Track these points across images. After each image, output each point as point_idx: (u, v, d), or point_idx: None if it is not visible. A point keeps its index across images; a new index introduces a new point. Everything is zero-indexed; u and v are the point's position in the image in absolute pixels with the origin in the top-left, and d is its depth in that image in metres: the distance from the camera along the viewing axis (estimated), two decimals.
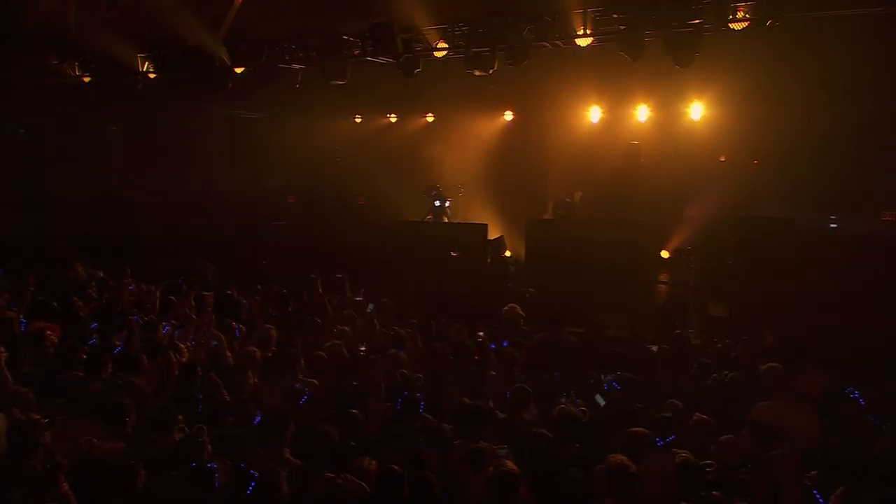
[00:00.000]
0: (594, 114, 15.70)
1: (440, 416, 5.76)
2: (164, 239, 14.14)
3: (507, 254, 13.48)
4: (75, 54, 11.83)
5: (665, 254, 14.71)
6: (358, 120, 17.81)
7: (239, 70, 10.64)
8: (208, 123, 17.32)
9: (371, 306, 8.91)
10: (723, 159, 15.24)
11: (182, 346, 6.85)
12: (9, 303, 9.20)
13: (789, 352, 7.12)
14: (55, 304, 9.09)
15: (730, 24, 8.11)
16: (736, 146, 14.96)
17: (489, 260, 11.93)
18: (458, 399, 5.78)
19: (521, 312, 7.91)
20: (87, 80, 12.25)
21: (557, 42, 9.22)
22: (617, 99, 15.55)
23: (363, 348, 6.32)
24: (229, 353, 6.78)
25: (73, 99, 15.26)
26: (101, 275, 11.02)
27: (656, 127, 15.44)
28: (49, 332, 7.67)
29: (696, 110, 14.99)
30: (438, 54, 9.68)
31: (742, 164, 15.05)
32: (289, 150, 16.91)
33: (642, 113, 15.41)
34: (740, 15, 7.95)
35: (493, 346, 6.87)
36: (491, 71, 9.45)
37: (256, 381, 6.36)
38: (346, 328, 7.86)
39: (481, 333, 6.66)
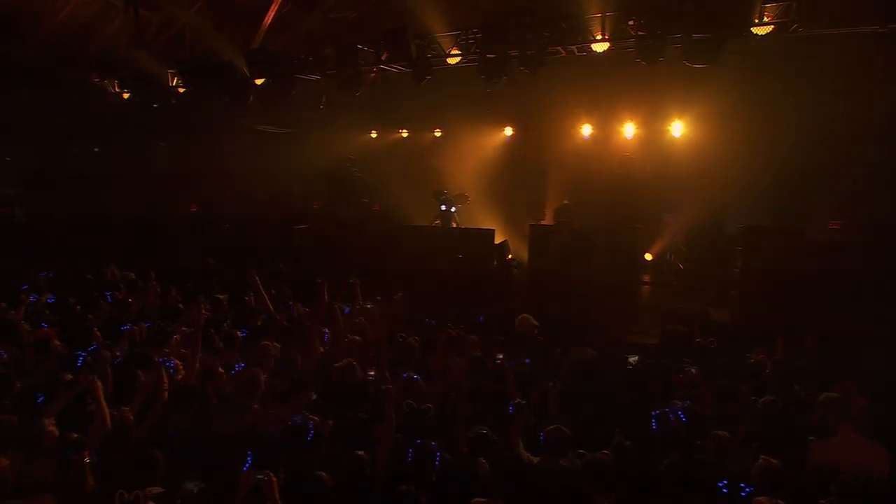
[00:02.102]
0: (585, 130, 14.17)
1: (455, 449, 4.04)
2: (196, 241, 12.33)
3: (509, 257, 11.70)
4: (115, 73, 10.04)
5: (648, 256, 13.08)
6: (373, 135, 16.18)
7: (259, 82, 8.86)
8: (243, 138, 15.64)
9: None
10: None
11: (178, 362, 5.08)
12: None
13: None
14: (77, 306, 7.46)
15: (753, 30, 6.32)
16: (711, 161, 13.28)
17: (495, 263, 10.13)
18: (478, 431, 4.05)
19: (535, 323, 6.11)
20: (126, 96, 10.44)
21: (573, 48, 7.40)
22: (606, 117, 14.06)
23: (372, 373, 4.54)
24: (222, 371, 5.00)
25: (130, 119, 14.04)
26: (133, 276, 9.26)
27: (641, 143, 13.87)
28: (56, 343, 5.96)
29: (677, 128, 13.46)
30: (452, 61, 7.85)
31: (714, 178, 13.41)
32: (313, 160, 15.19)
33: (629, 130, 13.87)
34: (766, 19, 6.13)
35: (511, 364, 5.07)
36: (504, 77, 7.58)
37: (257, 408, 4.57)
38: (357, 337, 6.08)
39: (501, 356, 4.85)
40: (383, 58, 7.70)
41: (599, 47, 7.17)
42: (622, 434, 3.76)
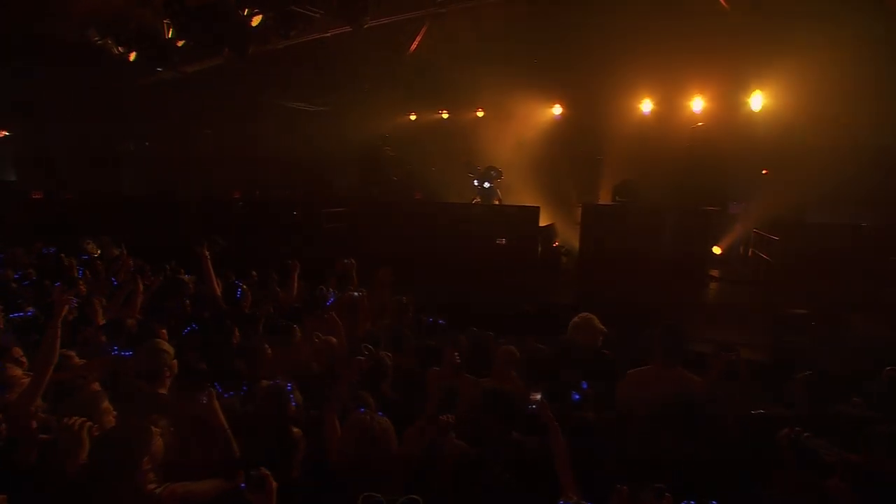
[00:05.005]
0: (645, 106, 11.26)
1: None
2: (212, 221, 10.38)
3: (556, 244, 9.01)
4: (111, 30, 8.15)
5: (717, 250, 10.08)
6: (413, 117, 13.79)
7: (255, 22, 6.70)
8: (282, 119, 13.73)
9: None
10: (765, 172, 10.57)
11: (17, 373, 2.84)
12: None
13: None
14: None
15: None
16: (799, 139, 10.05)
17: (540, 249, 7.48)
18: None
19: (601, 327, 3.51)
20: (132, 57, 8.53)
21: None
22: (670, 90, 11.07)
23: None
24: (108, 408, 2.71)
25: (172, 103, 12.36)
26: (117, 252, 7.35)
27: (712, 119, 10.78)
28: None
29: (756, 101, 10.31)
30: None
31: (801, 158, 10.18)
32: (350, 142, 13.05)
33: (697, 105, 10.83)
34: None
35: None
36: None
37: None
38: (333, 339, 3.69)
39: (538, 396, 2.36)
40: None
41: None
42: None
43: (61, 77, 11.45)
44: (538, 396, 2.21)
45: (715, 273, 9.38)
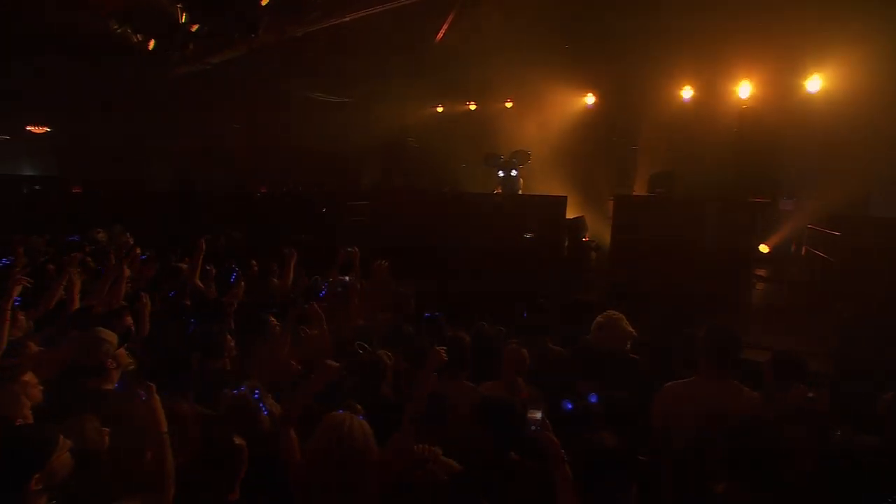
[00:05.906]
0: (685, 94, 10.36)
1: None
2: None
3: (586, 238, 8.32)
4: (128, 18, 7.99)
5: (764, 248, 9.13)
6: (440, 109, 13.29)
7: (265, 0, 6.35)
8: (307, 111, 13.50)
9: None
10: None
11: None
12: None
13: None
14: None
15: None
16: (862, 126, 8.96)
17: (567, 243, 6.83)
18: None
19: (628, 329, 2.90)
20: (151, 45, 8.37)
21: None
22: (713, 76, 10.11)
23: None
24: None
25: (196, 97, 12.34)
26: (131, 241, 7.17)
27: (762, 105, 9.78)
28: None
29: (814, 84, 9.27)
30: None
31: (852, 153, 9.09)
32: (374, 134, 12.69)
33: (744, 90, 9.85)
34: None
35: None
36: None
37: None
38: (316, 332, 3.24)
39: (538, 415, 1.77)
40: None
41: None
42: None
43: (96, 72, 11.56)
44: (538, 415, 1.67)
45: (762, 272, 8.50)
